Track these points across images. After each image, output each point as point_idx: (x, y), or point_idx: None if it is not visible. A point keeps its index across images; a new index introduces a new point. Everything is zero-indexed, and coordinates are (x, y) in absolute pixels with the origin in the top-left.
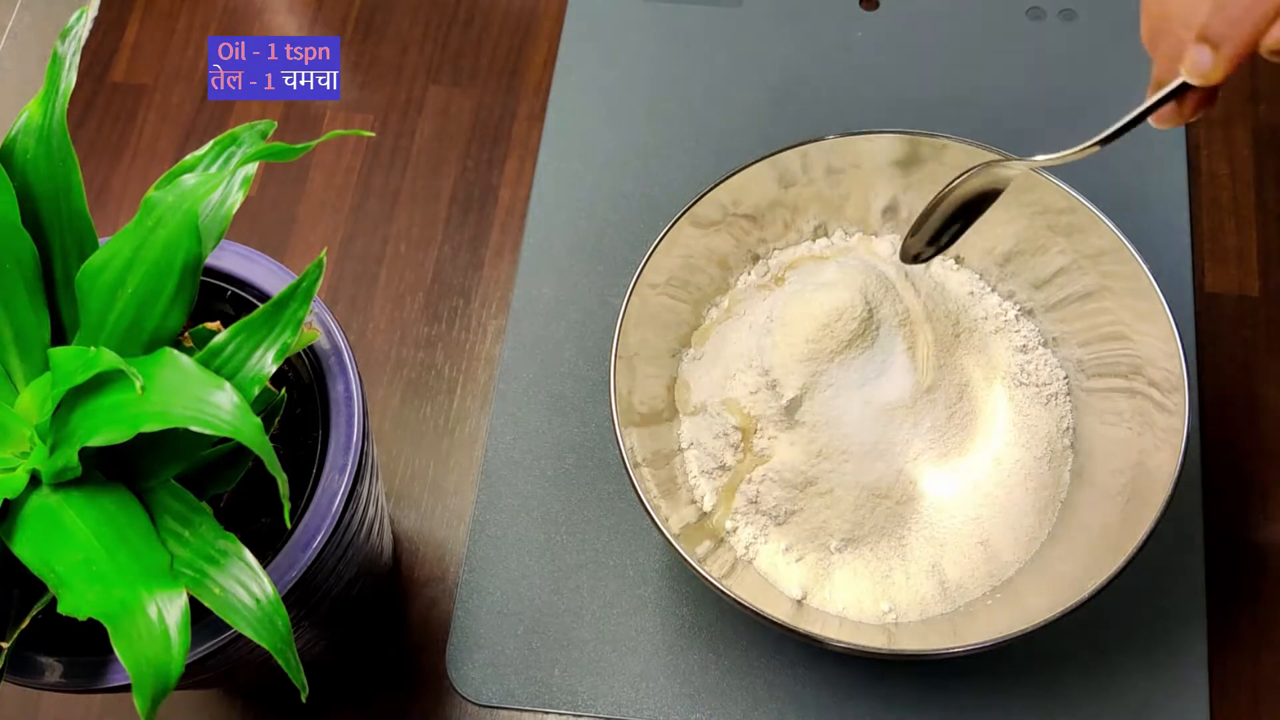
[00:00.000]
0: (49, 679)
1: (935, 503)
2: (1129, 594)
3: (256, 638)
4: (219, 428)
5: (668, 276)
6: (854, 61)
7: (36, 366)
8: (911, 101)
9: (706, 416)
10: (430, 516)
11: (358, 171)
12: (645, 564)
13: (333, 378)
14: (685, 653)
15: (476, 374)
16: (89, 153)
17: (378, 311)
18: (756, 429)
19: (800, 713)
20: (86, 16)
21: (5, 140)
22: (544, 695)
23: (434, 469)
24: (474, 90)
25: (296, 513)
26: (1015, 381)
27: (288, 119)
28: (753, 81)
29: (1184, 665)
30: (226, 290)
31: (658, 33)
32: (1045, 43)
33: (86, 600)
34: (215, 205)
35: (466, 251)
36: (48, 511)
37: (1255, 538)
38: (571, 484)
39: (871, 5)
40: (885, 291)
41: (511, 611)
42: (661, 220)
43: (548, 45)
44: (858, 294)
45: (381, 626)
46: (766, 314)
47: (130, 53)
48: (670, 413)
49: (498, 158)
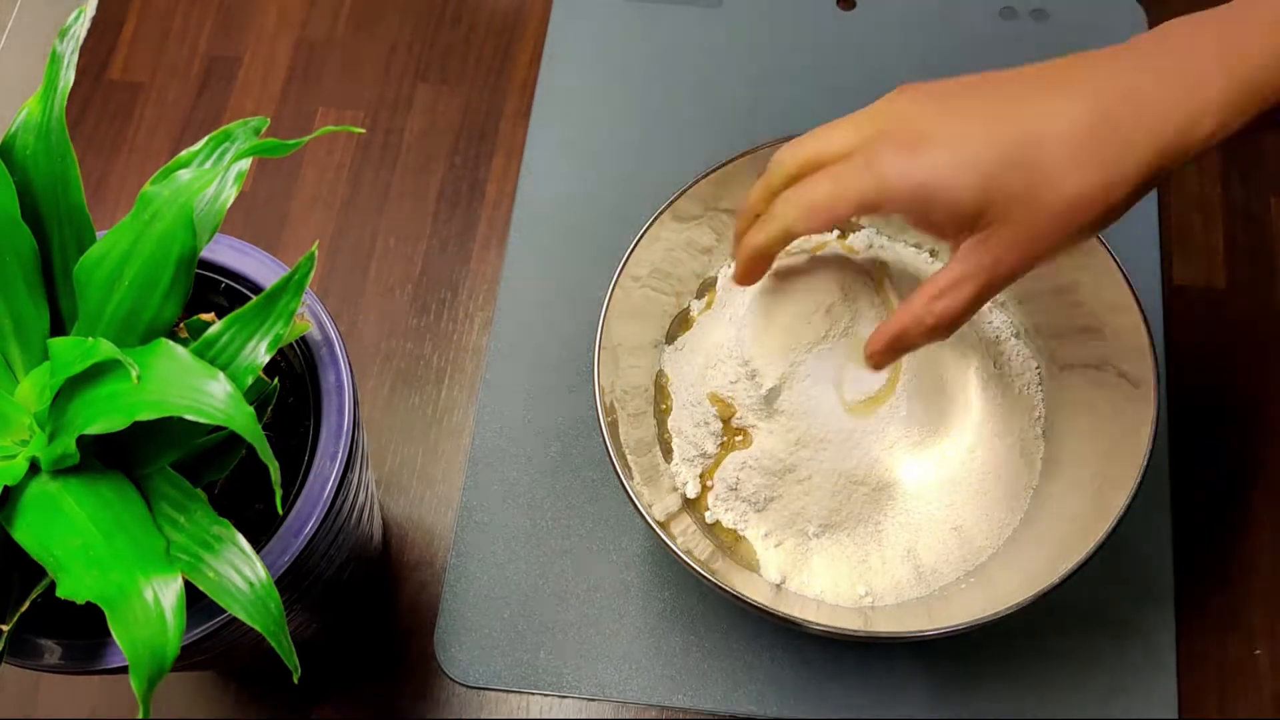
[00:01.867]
0: (48, 661)
1: (910, 490)
2: (1099, 578)
3: (250, 620)
4: (213, 416)
5: (650, 269)
6: (831, 60)
7: (35, 356)
8: None
9: (688, 406)
10: (419, 503)
11: (348, 167)
12: (628, 549)
13: (324, 368)
14: (667, 636)
15: (464, 364)
16: (87, 148)
17: (368, 303)
18: (736, 417)
19: (779, 693)
20: (84, 16)
21: (5, 137)
22: (530, 677)
23: (422, 457)
24: (462, 88)
25: (288, 499)
26: (988, 372)
27: (280, 116)
28: (733, 79)
29: (1152, 647)
30: (221, 283)
31: (640, 32)
32: (1018, 42)
33: (84, 584)
34: (210, 200)
35: (454, 245)
36: (47, 498)
37: (1223, 524)
38: (556, 471)
39: (849, 5)
40: (862, 285)
41: (498, 595)
42: (644, 214)
43: (534, 44)
44: (835, 286)
45: (371, 610)
46: (746, 306)
47: (127, 51)
48: (652, 403)
49: (485, 154)
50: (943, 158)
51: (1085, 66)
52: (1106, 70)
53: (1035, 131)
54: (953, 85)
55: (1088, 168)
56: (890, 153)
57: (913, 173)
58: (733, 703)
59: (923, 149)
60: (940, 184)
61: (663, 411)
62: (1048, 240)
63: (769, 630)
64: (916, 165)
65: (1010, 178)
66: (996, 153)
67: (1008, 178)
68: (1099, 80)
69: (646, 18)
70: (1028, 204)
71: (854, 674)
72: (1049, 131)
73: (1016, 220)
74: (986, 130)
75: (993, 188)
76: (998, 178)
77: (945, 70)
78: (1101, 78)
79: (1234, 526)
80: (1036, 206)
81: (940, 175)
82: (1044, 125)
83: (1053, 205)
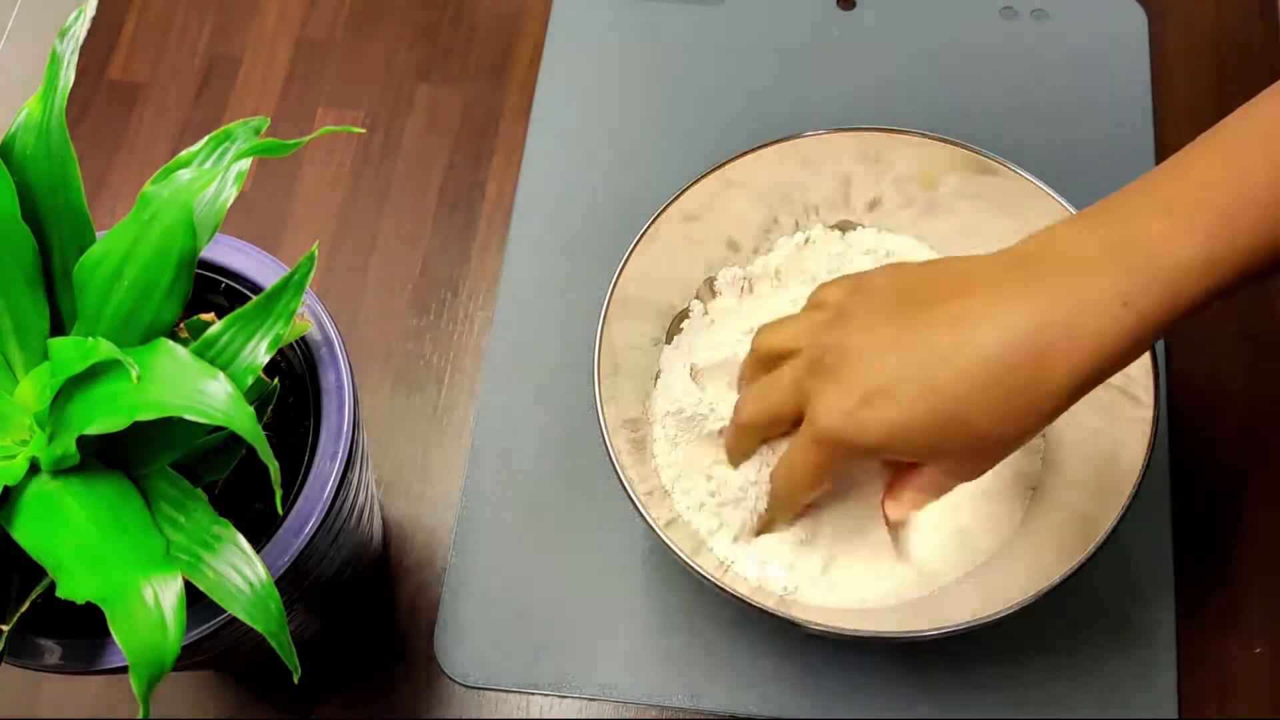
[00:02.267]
0: (48, 661)
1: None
2: (1099, 578)
3: (250, 620)
4: (213, 416)
5: (650, 269)
6: (831, 60)
7: (35, 356)
8: (888, 98)
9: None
10: (419, 503)
11: (348, 167)
12: (629, 549)
13: (324, 368)
14: (667, 636)
15: (464, 364)
16: (87, 148)
17: (368, 303)
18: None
19: (779, 693)
20: (84, 16)
21: (5, 136)
22: (530, 677)
23: (423, 457)
24: (462, 88)
25: (288, 499)
26: None
27: (280, 116)
28: (734, 78)
29: (1152, 647)
30: (221, 282)
31: (640, 31)
32: (1018, 42)
33: (84, 584)
34: (210, 200)
35: (454, 245)
36: (47, 498)
37: (1222, 524)
38: (557, 472)
39: (849, 5)
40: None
41: (498, 596)
42: (645, 214)
43: (534, 44)
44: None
45: (371, 610)
46: (747, 325)
47: (127, 51)
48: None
49: (485, 154)
50: (874, 416)
51: (993, 290)
52: (1010, 298)
53: (956, 390)
54: (879, 296)
55: (1007, 422)
56: (825, 396)
57: (847, 428)
58: (733, 703)
59: (858, 398)
60: (872, 443)
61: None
62: (977, 471)
63: (769, 630)
64: (852, 420)
65: (939, 436)
66: (925, 411)
67: (938, 437)
68: (1004, 316)
69: (646, 17)
70: (959, 455)
71: (854, 674)
72: (967, 390)
73: (949, 461)
74: (918, 381)
75: (928, 445)
76: (930, 437)
77: (946, 70)
78: (1006, 314)
79: (1234, 527)
80: (965, 454)
81: (872, 434)
82: (963, 378)
83: (981, 451)
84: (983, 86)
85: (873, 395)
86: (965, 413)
